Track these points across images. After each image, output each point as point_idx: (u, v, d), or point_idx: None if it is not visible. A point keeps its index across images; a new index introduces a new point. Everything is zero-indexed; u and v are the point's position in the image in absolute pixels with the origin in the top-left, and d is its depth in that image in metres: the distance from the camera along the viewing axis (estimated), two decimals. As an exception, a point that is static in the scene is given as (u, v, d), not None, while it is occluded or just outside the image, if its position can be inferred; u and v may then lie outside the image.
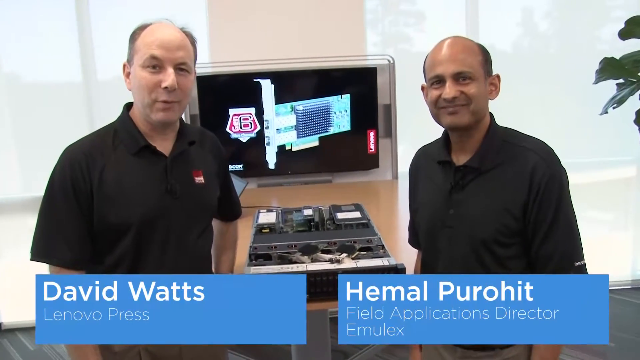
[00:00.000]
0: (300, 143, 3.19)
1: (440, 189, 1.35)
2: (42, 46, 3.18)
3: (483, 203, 1.28)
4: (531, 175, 1.23)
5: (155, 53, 1.23)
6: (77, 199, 1.25)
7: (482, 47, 1.29)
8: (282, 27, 3.17)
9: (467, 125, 1.27)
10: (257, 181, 3.24)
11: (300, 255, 1.59)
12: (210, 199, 1.44)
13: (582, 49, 3.48)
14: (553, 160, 1.25)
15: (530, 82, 3.48)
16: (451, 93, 1.24)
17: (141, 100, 1.27)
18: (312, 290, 1.47)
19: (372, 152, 3.23)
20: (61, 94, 3.30)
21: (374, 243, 1.69)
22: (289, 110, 3.13)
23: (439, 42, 1.29)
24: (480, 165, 1.29)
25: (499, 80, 1.31)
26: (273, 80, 3.08)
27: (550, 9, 3.53)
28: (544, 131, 3.47)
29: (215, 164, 1.48)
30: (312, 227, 1.99)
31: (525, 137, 1.32)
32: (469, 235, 1.29)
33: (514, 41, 3.52)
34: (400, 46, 3.48)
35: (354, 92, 3.16)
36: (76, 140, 1.32)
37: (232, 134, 3.13)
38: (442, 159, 1.36)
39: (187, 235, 1.35)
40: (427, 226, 1.41)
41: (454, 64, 1.24)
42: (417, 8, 3.44)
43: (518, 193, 1.24)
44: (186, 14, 3.20)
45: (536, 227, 1.24)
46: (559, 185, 1.23)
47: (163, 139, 1.34)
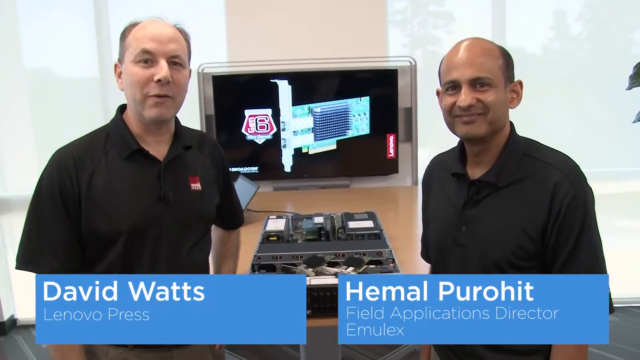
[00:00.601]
0: (318, 146, 3.11)
1: (453, 203, 1.25)
2: (60, 42, 3.18)
3: (498, 222, 1.17)
4: (553, 193, 1.12)
5: (146, 46, 1.17)
6: (64, 205, 1.19)
7: (503, 50, 1.17)
8: (300, 27, 3.09)
9: (483, 136, 1.16)
10: (273, 184, 3.18)
11: (304, 268, 1.51)
12: (207, 207, 1.36)
13: (615, 53, 3.32)
14: (578, 178, 1.14)
15: (561, 87, 3.35)
16: (467, 100, 1.13)
17: (133, 97, 1.20)
18: (314, 306, 1.39)
19: (391, 157, 3.13)
20: (79, 90, 3.30)
21: (384, 256, 1.60)
22: (307, 112, 3.06)
23: (456, 44, 1.18)
24: (496, 181, 1.18)
25: (521, 87, 1.19)
26: (290, 81, 3.01)
27: (583, 11, 3.38)
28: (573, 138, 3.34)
29: (215, 169, 1.40)
30: (322, 236, 1.91)
31: (549, 150, 1.20)
32: (481, 256, 1.19)
33: (545, 44, 3.39)
34: (429, 48, 3.37)
35: (374, 95, 3.07)
36: (67, 143, 1.26)
37: (248, 136, 3.06)
38: (456, 171, 1.25)
39: (180, 245, 1.28)
40: (437, 243, 1.32)
41: (471, 69, 1.13)
42: (446, 9, 3.34)
43: (537, 213, 1.13)
44: (204, 13, 3.19)
45: (556, 251, 1.13)
46: (584, 206, 1.11)
47: (157, 142, 1.27)
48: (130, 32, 1.20)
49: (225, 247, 1.58)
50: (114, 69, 1.25)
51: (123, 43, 1.21)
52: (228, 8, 3.09)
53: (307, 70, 3.01)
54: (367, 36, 3.11)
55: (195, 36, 1.29)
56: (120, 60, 1.23)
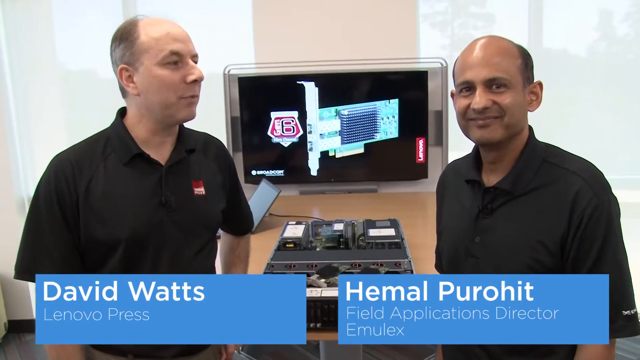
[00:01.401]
0: (345, 149, 3.04)
1: (467, 212, 1.17)
2: (93, 42, 3.20)
3: (513, 233, 1.09)
4: (573, 203, 1.03)
5: (175, 48, 1.14)
6: (62, 212, 1.16)
7: (522, 50, 1.09)
8: (328, 28, 3.03)
9: (499, 140, 1.08)
10: (299, 188, 3.12)
11: (317, 278, 1.44)
12: (211, 212, 1.31)
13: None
14: (602, 187, 1.04)
15: (606, 89, 3.19)
16: (482, 103, 1.05)
17: (163, 101, 1.15)
18: (324, 319, 1.33)
19: (420, 162, 3.03)
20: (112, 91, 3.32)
21: (402, 267, 1.52)
22: (334, 115, 2.99)
23: (471, 42, 1.10)
24: (512, 188, 1.09)
25: (541, 89, 1.10)
26: (317, 82, 2.95)
27: (631, 11, 3.20)
28: (620, 142, 3.15)
29: (221, 173, 1.35)
30: (341, 244, 1.84)
31: (570, 157, 1.11)
32: (495, 269, 1.10)
33: (590, 45, 3.24)
34: None
35: (403, 97, 2.97)
36: (66, 148, 1.23)
37: (274, 138, 3.02)
38: (470, 178, 1.17)
39: (182, 252, 1.24)
40: (449, 254, 1.24)
41: (487, 69, 1.04)
42: (486, 10, 3.24)
43: (556, 223, 1.04)
44: (231, 14, 3.16)
45: (577, 266, 1.04)
46: (607, 217, 1.02)
47: (161, 145, 1.23)
48: (137, 32, 1.14)
49: (234, 253, 1.54)
50: (119, 74, 1.17)
51: (132, 45, 1.14)
52: (255, 8, 3.05)
53: (334, 71, 2.95)
54: (397, 37, 3.02)
55: (222, 37, 1.25)
56: (130, 64, 1.15)
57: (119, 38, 1.16)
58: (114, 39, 1.17)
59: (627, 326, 1.03)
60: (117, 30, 1.18)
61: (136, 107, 1.20)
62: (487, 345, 1.15)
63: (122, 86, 1.19)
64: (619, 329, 1.03)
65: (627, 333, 1.04)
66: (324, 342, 2.16)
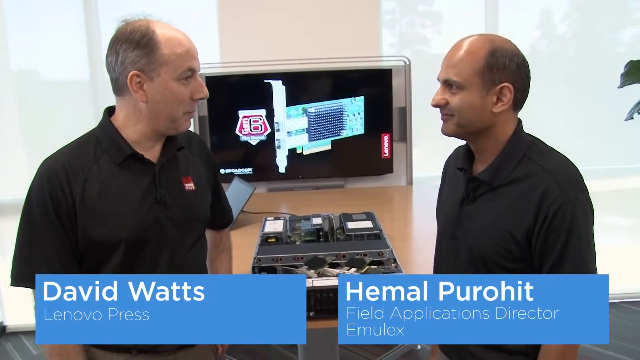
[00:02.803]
0: (312, 147, 3.09)
1: (457, 198, 1.25)
2: (50, 44, 3.13)
3: (488, 221, 1.17)
4: (541, 199, 1.09)
5: (193, 65, 1.17)
6: (58, 217, 1.15)
7: (491, 53, 1.11)
8: (294, 27, 3.07)
9: (453, 135, 1.19)
10: (267, 185, 3.15)
11: (306, 269, 1.50)
12: (202, 207, 1.34)
13: (601, 52, 3.35)
14: (571, 186, 1.10)
15: (548, 86, 3.35)
16: (434, 100, 1.17)
17: (172, 114, 1.18)
18: (317, 308, 1.38)
19: (386, 157, 3.12)
20: (69, 92, 3.25)
21: (385, 256, 1.59)
22: (301, 113, 3.03)
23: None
24: (491, 180, 1.17)
25: (510, 92, 1.13)
26: (284, 81, 2.98)
27: (569, 10, 3.40)
28: (562, 137, 3.35)
29: (205, 168, 1.38)
30: (321, 237, 1.89)
31: (551, 154, 1.17)
32: (470, 253, 1.19)
33: (532, 44, 3.41)
34: (418, 47, 3.37)
35: (368, 95, 3.05)
36: (54, 152, 1.21)
37: (242, 137, 3.03)
38: (460, 166, 1.26)
39: (180, 248, 1.26)
40: (439, 234, 1.34)
41: (445, 70, 1.15)
42: (434, 9, 3.34)
43: (524, 217, 1.11)
44: (196, 12, 3.15)
45: (542, 259, 1.11)
46: (572, 215, 1.08)
47: (151, 146, 1.24)
48: (158, 42, 1.13)
49: (218, 249, 1.55)
50: (129, 80, 1.14)
51: (152, 54, 1.13)
52: (220, 7, 3.05)
53: (301, 70, 2.99)
54: (361, 36, 3.10)
55: (187, 35, 1.26)
56: (145, 72, 1.14)
57: (134, 42, 1.13)
58: (124, 40, 1.14)
59: None
60: (128, 31, 1.14)
61: (134, 111, 1.19)
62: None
63: (121, 87, 1.18)
64: None
65: None
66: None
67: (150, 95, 1.16)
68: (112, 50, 1.16)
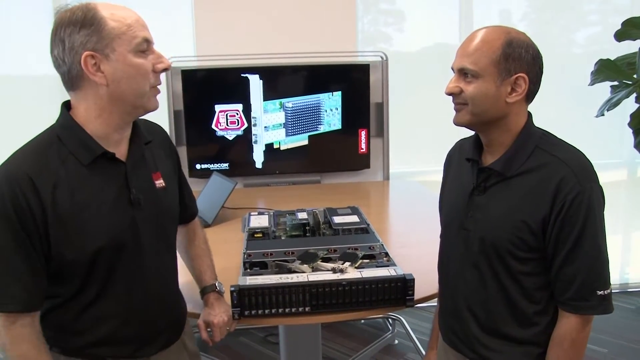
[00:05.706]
0: (289, 142, 3.07)
1: (464, 188, 1.26)
2: (15, 38, 2.99)
3: (500, 211, 1.18)
4: (557, 188, 1.11)
5: (147, 35, 1.09)
6: (23, 227, 1.04)
7: (507, 43, 1.13)
8: (271, 21, 3.04)
9: (467, 125, 1.19)
10: (243, 181, 3.11)
11: (299, 264, 1.48)
12: (173, 203, 1.30)
13: (556, 53, 3.41)
14: (586, 175, 1.12)
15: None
16: (448, 88, 1.17)
17: (138, 90, 1.09)
18: (314, 302, 1.37)
19: (363, 152, 3.13)
20: (34, 87, 3.11)
21: (376, 250, 1.59)
22: (278, 107, 3.01)
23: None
24: (503, 170, 1.18)
25: (525, 82, 1.13)
26: (262, 75, 2.95)
27: (528, 11, 3.49)
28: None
29: (169, 159, 1.32)
30: (307, 232, 1.88)
31: (562, 145, 1.20)
32: (482, 243, 1.20)
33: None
34: (380, 45, 3.36)
35: (346, 90, 3.05)
36: (11, 157, 1.09)
37: (218, 131, 2.99)
38: (469, 157, 1.26)
39: (158, 248, 1.22)
40: (445, 225, 1.34)
41: (461, 59, 1.15)
42: (396, 7, 3.35)
43: (539, 206, 1.13)
44: (171, 5, 3.08)
45: (557, 247, 1.13)
46: (588, 204, 1.10)
47: (118, 141, 1.15)
48: (102, 16, 1.05)
49: (195, 244, 1.48)
50: (84, 63, 1.05)
51: (101, 30, 1.04)
52: (196, 1, 2.99)
53: (278, 64, 2.96)
54: (338, 31, 3.09)
55: (162, 29, 1.21)
56: (99, 50, 1.04)
57: (78, 22, 1.04)
58: (67, 24, 1.04)
59: (600, 305, 1.14)
60: (68, 15, 1.05)
61: (95, 100, 1.09)
62: (476, 313, 1.24)
63: (75, 77, 1.08)
64: (592, 307, 1.14)
65: (600, 311, 1.14)
66: (284, 331, 2.19)
67: (110, 75, 1.06)
68: (56, 41, 1.06)
